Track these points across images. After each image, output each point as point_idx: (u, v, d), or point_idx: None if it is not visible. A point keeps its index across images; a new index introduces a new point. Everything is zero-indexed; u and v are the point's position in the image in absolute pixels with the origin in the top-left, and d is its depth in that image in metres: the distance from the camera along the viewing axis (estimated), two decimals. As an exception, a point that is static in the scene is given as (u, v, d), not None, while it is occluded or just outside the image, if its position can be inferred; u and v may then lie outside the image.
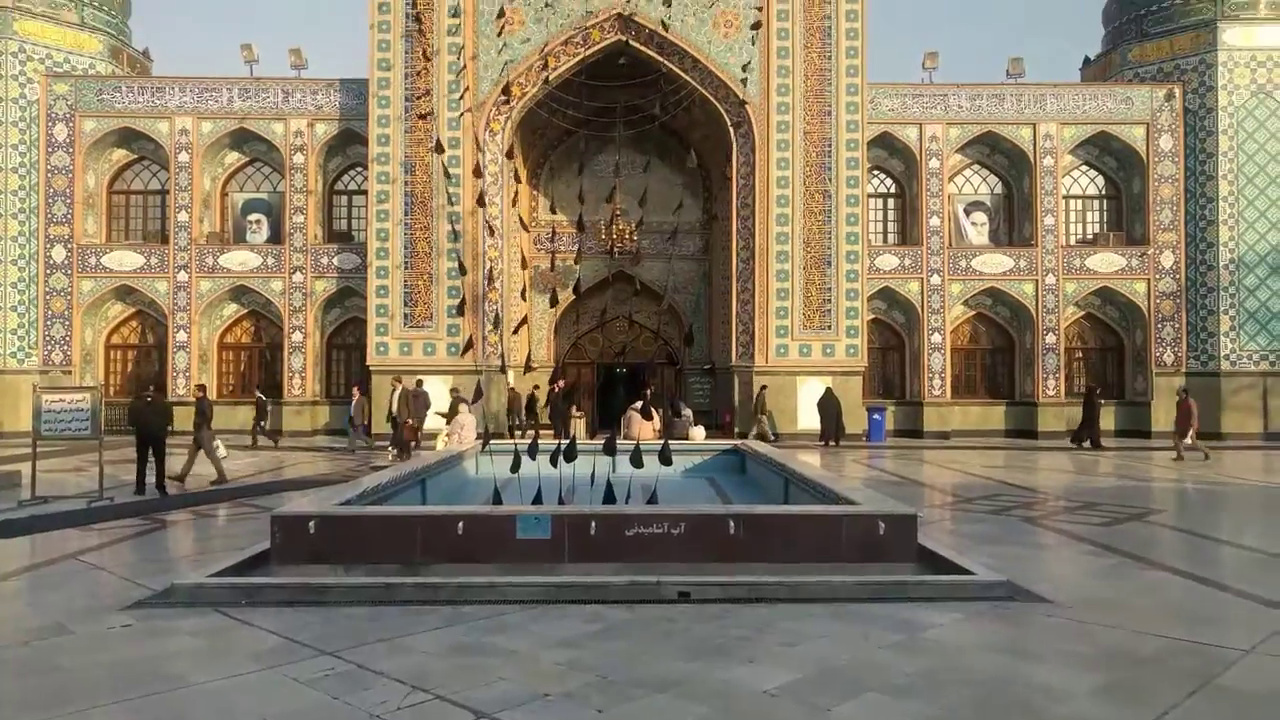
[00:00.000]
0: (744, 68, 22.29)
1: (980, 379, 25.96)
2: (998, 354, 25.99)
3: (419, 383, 19.74)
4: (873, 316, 24.91)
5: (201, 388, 15.35)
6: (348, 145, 24.68)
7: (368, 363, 22.57)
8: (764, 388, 22.38)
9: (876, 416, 23.43)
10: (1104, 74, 26.81)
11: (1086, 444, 21.50)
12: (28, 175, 23.47)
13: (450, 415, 17.55)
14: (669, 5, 22.44)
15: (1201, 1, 24.80)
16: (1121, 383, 25.42)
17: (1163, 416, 24.20)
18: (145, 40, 27.44)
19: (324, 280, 24.28)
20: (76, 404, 12.22)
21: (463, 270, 10.54)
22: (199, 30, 66.29)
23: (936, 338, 24.73)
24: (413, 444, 18.61)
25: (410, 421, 18.67)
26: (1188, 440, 18.47)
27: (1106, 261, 24.78)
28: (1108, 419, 24.10)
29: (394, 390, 19.36)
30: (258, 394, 22.94)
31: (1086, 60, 28.19)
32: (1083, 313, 25.51)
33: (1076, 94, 25.04)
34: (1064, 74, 46.70)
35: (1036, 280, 24.70)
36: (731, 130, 23.48)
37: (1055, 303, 24.65)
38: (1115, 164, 25.67)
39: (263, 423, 22.15)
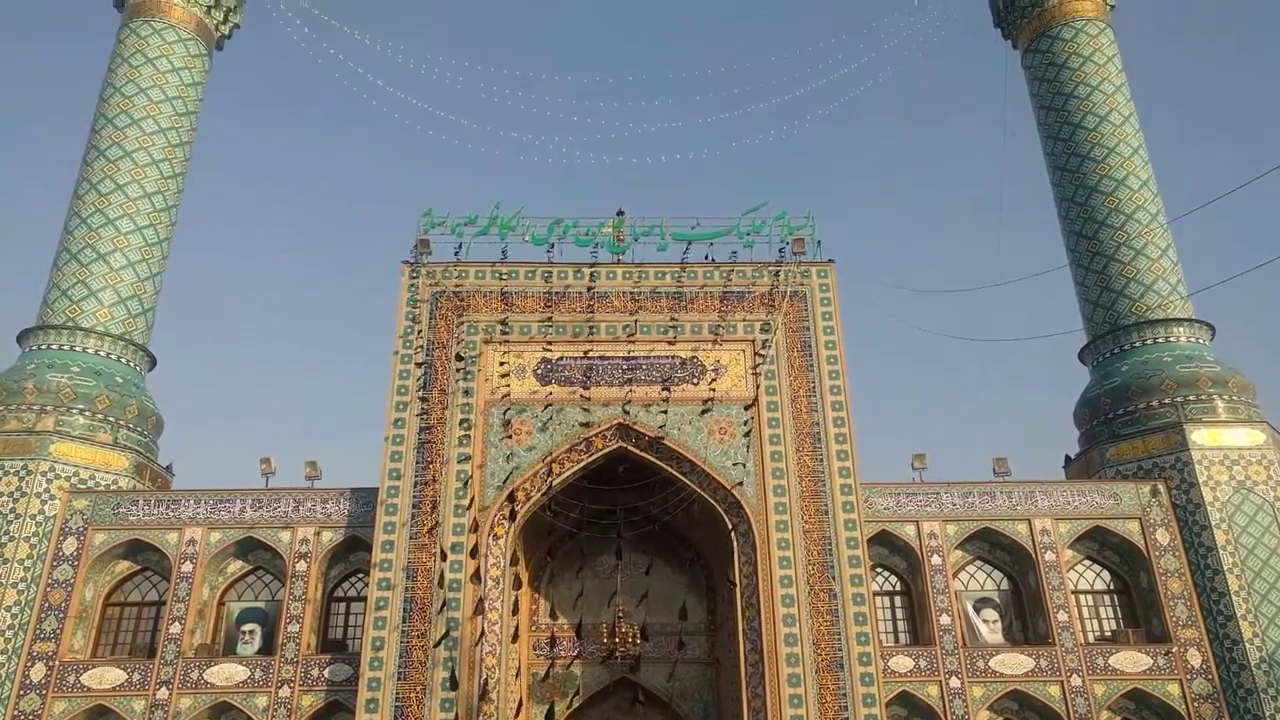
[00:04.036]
0: (739, 465, 23.26)
1: (1022, 798, 23.49)
2: (1036, 767, 23.78)
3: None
4: (894, 725, 23.20)
5: None
6: (351, 552, 24.85)
7: (348, 791, 20.61)
8: None
9: (912, 847, 20.83)
10: (1087, 471, 27.83)
11: None
12: (27, 590, 23.29)
13: None
14: (666, 413, 24.06)
15: (1164, 406, 26.53)
16: (1180, 801, 22.98)
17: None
18: (171, 454, 28.93)
19: (312, 694, 23.01)
20: None
21: (454, 684, 10.08)
22: (224, 442, 70.18)
23: (966, 749, 22.82)
24: None
25: None
26: None
27: (1132, 660, 23.66)
28: None
29: None
30: None
31: (1068, 459, 29.44)
32: (1119, 718, 23.79)
33: (1065, 490, 25.76)
34: (1046, 470, 48.44)
35: (1061, 681, 23.37)
36: (732, 531, 23.80)
37: (1086, 707, 23.07)
38: (1118, 559, 25.63)
39: None
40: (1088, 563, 25.69)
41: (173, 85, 30.34)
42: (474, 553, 22.64)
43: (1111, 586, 25.59)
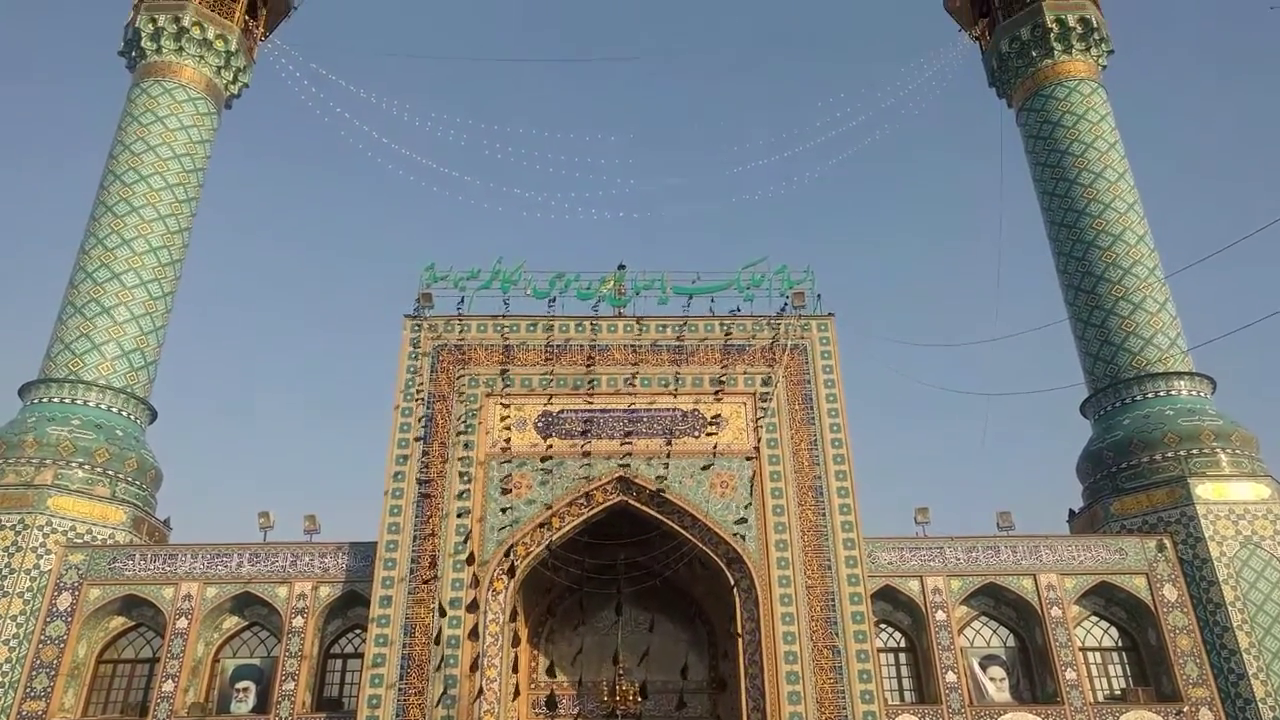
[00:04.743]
0: (741, 518, 23.05)
1: None
2: (1047, 832, 23.14)
3: None
4: (901, 789, 22.67)
5: None
6: (349, 608, 24.52)
7: None
8: None
9: None
10: (1091, 525, 27.56)
11: None
12: (19, 647, 22.94)
13: None
14: (667, 466, 23.94)
15: (1167, 460, 26.31)
16: None
17: None
18: (169, 508, 28.70)
19: (305, 755, 22.54)
20: None
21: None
22: (223, 495, 69.74)
23: (975, 813, 22.25)
24: None
25: None
26: None
27: (1142, 721, 23.22)
28: None
29: None
30: None
31: (1072, 513, 29.19)
32: (1131, 780, 23.25)
33: (1070, 545, 25.47)
34: (1050, 524, 48.09)
35: (1072, 742, 22.91)
36: (734, 586, 23.50)
37: (1098, 768, 22.60)
38: (1125, 614, 25.24)
39: None
40: (1095, 619, 25.31)
41: (181, 143, 30.83)
42: (473, 608, 22.35)
43: (1120, 643, 25.16)
